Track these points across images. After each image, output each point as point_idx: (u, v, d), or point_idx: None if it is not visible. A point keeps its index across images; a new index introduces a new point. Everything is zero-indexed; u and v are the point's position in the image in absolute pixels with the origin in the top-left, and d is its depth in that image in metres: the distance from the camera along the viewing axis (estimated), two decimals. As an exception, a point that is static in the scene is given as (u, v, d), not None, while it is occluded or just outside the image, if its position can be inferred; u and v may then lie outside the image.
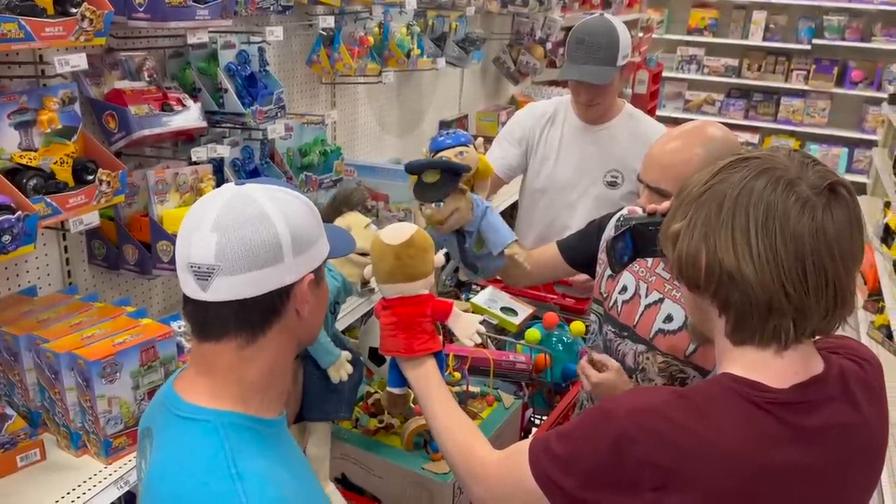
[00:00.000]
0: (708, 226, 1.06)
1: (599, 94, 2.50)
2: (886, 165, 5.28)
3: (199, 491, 0.99)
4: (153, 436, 1.12)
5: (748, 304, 1.04)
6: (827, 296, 1.02)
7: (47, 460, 1.70)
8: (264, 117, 2.28)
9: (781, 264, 1.01)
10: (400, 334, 1.45)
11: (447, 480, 1.77)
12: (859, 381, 1.13)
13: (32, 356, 1.71)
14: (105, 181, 1.78)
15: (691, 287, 1.12)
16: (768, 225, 1.01)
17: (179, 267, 1.06)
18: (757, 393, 1.05)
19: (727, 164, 1.08)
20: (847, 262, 1.03)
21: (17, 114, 1.71)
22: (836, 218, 1.01)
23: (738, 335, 1.09)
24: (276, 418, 1.14)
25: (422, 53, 3.12)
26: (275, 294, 1.06)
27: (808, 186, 1.02)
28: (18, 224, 1.49)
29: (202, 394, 1.09)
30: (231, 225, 1.02)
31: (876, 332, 4.38)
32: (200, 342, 1.09)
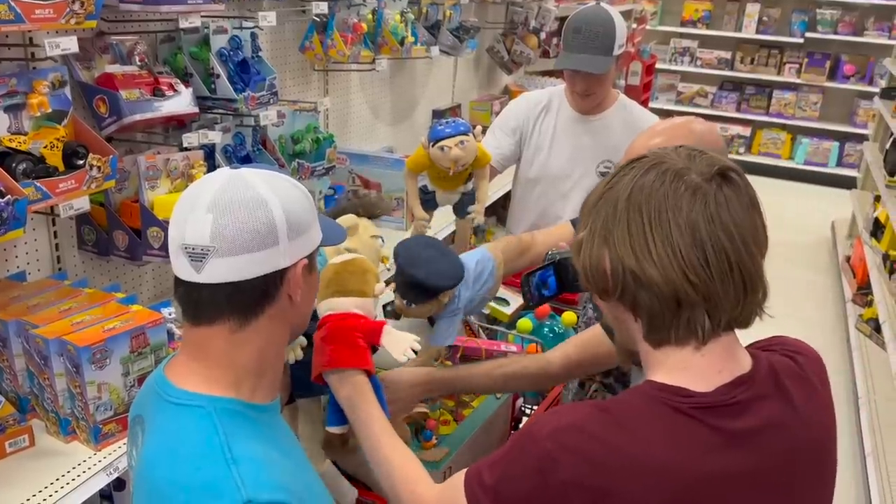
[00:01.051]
0: (606, 229, 1.04)
1: (595, 84, 2.49)
2: (877, 159, 5.31)
3: (194, 476, 0.98)
4: (145, 423, 1.11)
5: (657, 300, 1.01)
6: (734, 280, 0.99)
7: (36, 446, 1.69)
8: (256, 103, 2.27)
9: (681, 254, 0.98)
10: (327, 347, 1.37)
11: (438, 469, 1.77)
12: (792, 375, 1.09)
13: (21, 342, 1.70)
14: (95, 166, 1.76)
15: (602, 295, 1.08)
16: (662, 217, 0.99)
17: (173, 250, 1.05)
18: (680, 399, 1.01)
19: (619, 169, 1.07)
20: (748, 244, 1.00)
21: (7, 97, 1.69)
22: (730, 201, 1.00)
23: (654, 336, 1.05)
24: (269, 403, 1.14)
25: (416, 41, 3.11)
26: (269, 277, 1.05)
27: (697, 174, 1.01)
28: (7, 208, 1.47)
29: (194, 379, 1.08)
30: (227, 206, 1.01)
31: (864, 325, 4.42)
32: (193, 326, 1.08)
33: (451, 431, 1.90)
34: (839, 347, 4.67)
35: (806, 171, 8.20)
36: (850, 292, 5.02)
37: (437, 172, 2.10)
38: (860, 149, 7.67)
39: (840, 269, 5.59)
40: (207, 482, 0.97)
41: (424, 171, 2.15)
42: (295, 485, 1.03)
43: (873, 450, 3.36)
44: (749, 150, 8.51)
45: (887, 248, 4.47)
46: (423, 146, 2.04)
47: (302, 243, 1.08)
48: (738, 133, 8.50)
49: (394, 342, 1.40)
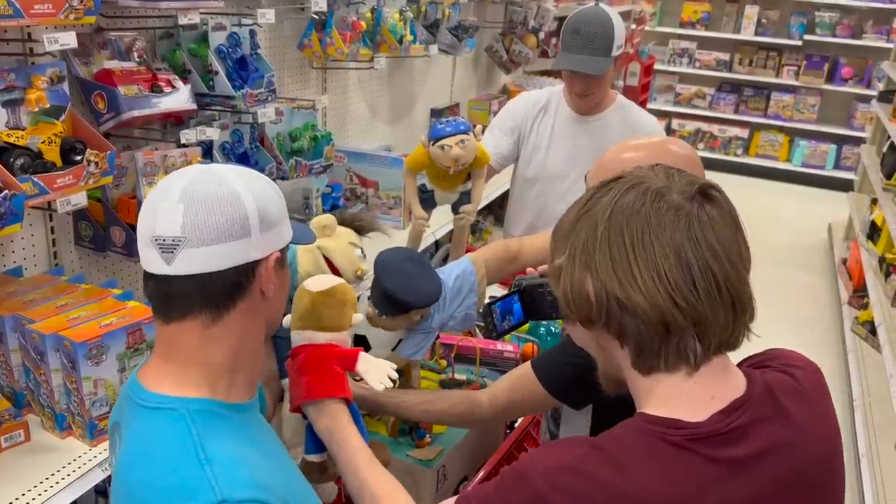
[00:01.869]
0: (586, 253, 0.99)
1: (593, 85, 2.50)
2: (874, 162, 5.32)
3: (168, 478, 0.97)
4: (121, 430, 1.10)
5: (644, 327, 0.97)
6: (723, 302, 0.96)
7: (31, 441, 1.69)
8: (255, 101, 2.27)
9: (667, 277, 0.94)
10: (302, 378, 1.34)
11: (432, 467, 1.77)
12: (790, 392, 1.05)
13: (18, 337, 1.70)
14: (93, 162, 1.76)
15: (585, 323, 1.03)
16: (645, 239, 0.95)
17: (142, 242, 1.03)
18: (674, 431, 0.97)
19: (595, 191, 1.03)
20: (735, 263, 0.97)
21: (5, 92, 1.69)
22: (714, 220, 0.97)
23: (643, 363, 1.01)
24: (245, 402, 1.12)
25: (414, 40, 3.11)
26: (240, 270, 1.03)
27: (677, 193, 0.97)
28: (5, 203, 1.47)
29: (167, 381, 1.06)
30: (198, 196, 1.00)
31: (860, 327, 4.43)
32: (164, 324, 1.06)
33: (444, 430, 1.91)
34: (834, 349, 4.68)
35: (803, 173, 8.21)
36: (846, 295, 5.03)
37: (437, 171, 2.11)
38: (857, 151, 7.69)
39: (836, 272, 5.60)
40: (181, 484, 0.96)
41: (424, 170, 2.15)
42: (273, 483, 1.01)
43: (867, 451, 3.37)
44: (747, 151, 8.52)
45: (883, 251, 4.48)
46: (424, 145, 2.04)
47: (273, 236, 1.07)
48: (736, 135, 8.51)
49: (370, 370, 1.38)
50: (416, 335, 1.74)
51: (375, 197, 3.18)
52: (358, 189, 3.20)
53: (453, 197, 2.26)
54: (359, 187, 3.20)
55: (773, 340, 1.15)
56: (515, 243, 2.11)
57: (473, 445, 1.95)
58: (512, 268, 2.09)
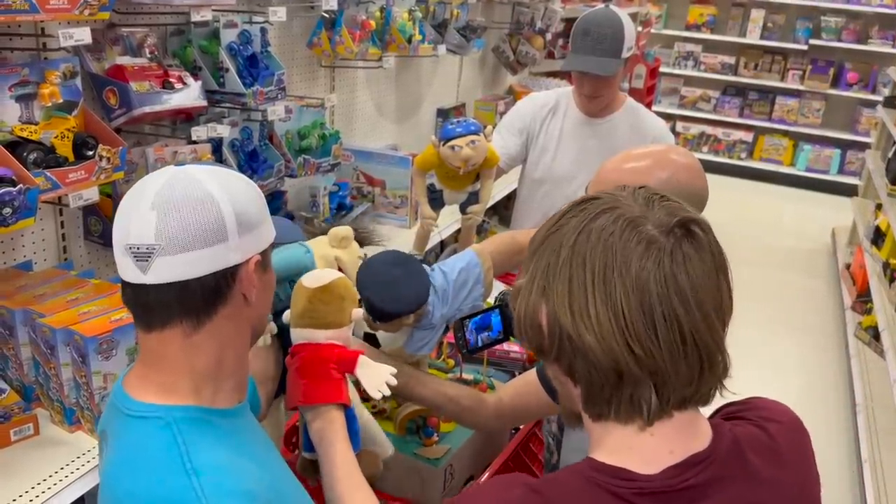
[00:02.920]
0: (546, 280, 0.90)
1: (603, 86, 2.50)
2: (879, 168, 5.32)
3: (155, 489, 0.95)
4: (107, 438, 1.08)
5: (594, 371, 0.87)
6: (687, 355, 0.85)
7: (41, 435, 1.70)
8: (265, 98, 2.28)
9: (624, 320, 0.84)
10: (300, 381, 1.32)
11: (439, 466, 1.78)
12: (760, 449, 0.94)
13: (28, 331, 1.71)
14: (105, 157, 1.77)
15: (536, 352, 0.95)
16: (607, 273, 0.85)
17: (117, 251, 1.00)
18: (620, 482, 0.87)
19: (568, 209, 0.93)
20: (707, 313, 0.85)
21: (19, 86, 1.70)
22: (690, 260, 0.85)
23: (591, 408, 0.92)
24: (233, 408, 1.10)
25: (423, 39, 3.11)
26: (219, 275, 1.00)
27: (653, 225, 0.86)
28: (19, 197, 1.48)
29: (151, 389, 1.04)
30: (171, 202, 0.97)
31: (863, 332, 4.43)
32: (146, 333, 1.03)
33: (452, 429, 1.91)
34: (837, 354, 4.68)
35: (807, 177, 8.21)
36: (849, 300, 5.03)
37: (446, 171, 2.11)
38: (862, 157, 7.69)
39: (840, 277, 5.60)
40: (168, 494, 0.94)
41: (433, 170, 2.16)
42: (263, 491, 1.00)
43: (870, 457, 3.37)
44: (751, 155, 8.52)
45: (888, 257, 4.48)
46: (434, 145, 2.04)
47: (253, 239, 1.04)
48: (741, 138, 8.51)
49: (369, 375, 1.34)
50: (419, 331, 1.73)
51: (382, 196, 3.18)
52: (364, 188, 3.20)
53: (462, 197, 2.27)
54: (365, 186, 3.20)
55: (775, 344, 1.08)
56: (522, 235, 2.11)
57: (480, 445, 1.96)
58: (518, 259, 2.08)
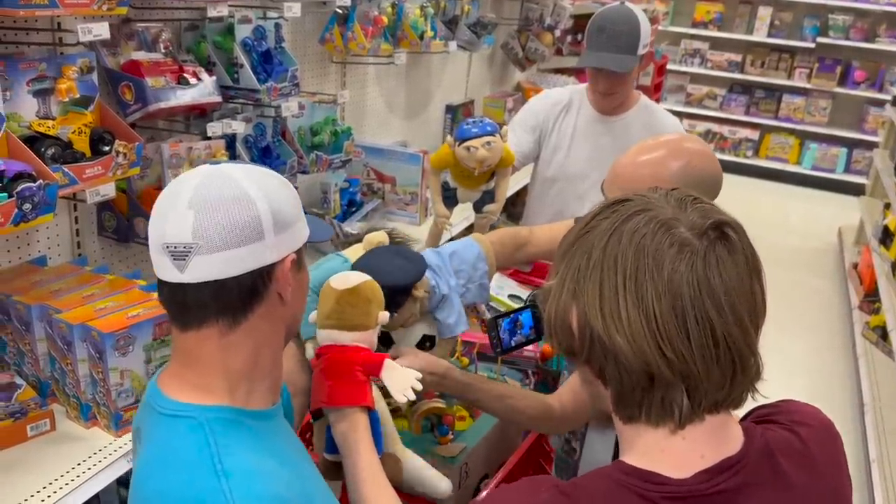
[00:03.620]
0: (577, 282, 0.90)
1: (618, 84, 2.49)
2: (887, 167, 5.31)
3: (184, 489, 0.95)
4: (141, 436, 1.09)
5: (625, 374, 0.87)
6: (719, 359, 0.84)
7: (57, 431, 1.70)
8: (278, 94, 2.27)
9: (656, 322, 0.83)
10: (325, 382, 1.32)
11: (455, 464, 1.77)
12: (792, 454, 0.93)
13: (44, 326, 1.70)
14: (122, 153, 1.76)
15: (567, 354, 0.95)
16: (639, 276, 0.84)
17: (154, 250, 1.00)
18: (651, 487, 0.87)
19: (599, 210, 0.93)
20: (740, 316, 0.85)
21: (36, 81, 1.69)
22: (723, 262, 0.85)
23: (622, 411, 0.92)
24: (267, 409, 1.09)
25: (434, 36, 3.10)
26: (256, 274, 1.00)
27: (686, 227, 0.86)
28: (39, 193, 1.47)
29: (186, 388, 1.04)
30: (208, 201, 0.97)
31: (871, 332, 4.42)
32: (181, 332, 1.04)
33: (467, 427, 1.91)
34: (844, 353, 4.68)
35: (813, 176, 8.19)
36: (856, 299, 5.02)
37: (461, 171, 2.10)
38: (868, 155, 7.68)
39: (846, 276, 5.59)
40: (196, 496, 0.94)
41: (448, 169, 2.15)
42: (291, 495, 0.99)
43: (878, 456, 3.37)
44: (756, 153, 8.51)
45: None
46: (449, 144, 2.04)
47: (288, 238, 1.03)
48: (747, 136, 8.49)
49: (394, 379, 1.34)
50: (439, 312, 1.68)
51: (392, 192, 3.18)
52: (375, 184, 3.19)
53: (476, 195, 2.26)
54: (375, 182, 3.19)
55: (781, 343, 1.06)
56: (525, 231, 2.11)
57: (494, 443, 1.95)
58: (520, 255, 2.08)
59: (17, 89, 1.66)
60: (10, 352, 1.81)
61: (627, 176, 1.56)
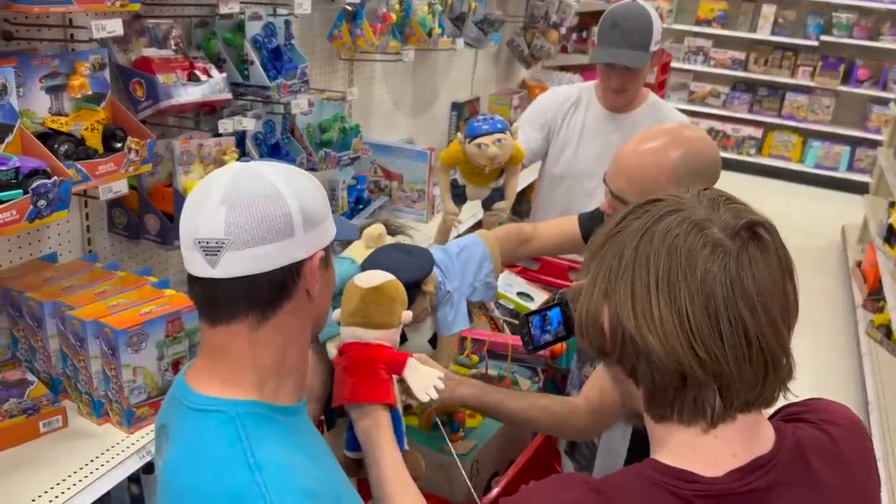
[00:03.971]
0: (608, 282, 0.90)
1: (630, 80, 2.48)
2: (892, 165, 5.31)
3: (217, 483, 0.95)
4: (168, 431, 1.09)
5: (658, 373, 0.87)
6: (752, 359, 0.85)
7: (69, 427, 1.70)
8: (288, 91, 2.27)
9: (689, 323, 0.84)
10: (349, 378, 1.33)
11: (466, 460, 1.78)
12: (823, 453, 0.94)
13: (56, 323, 1.71)
14: (134, 149, 1.76)
15: (599, 353, 0.96)
16: (671, 276, 0.85)
17: (185, 245, 1.01)
18: (684, 485, 0.87)
19: (631, 210, 0.94)
20: (773, 317, 0.86)
21: (49, 77, 1.69)
22: (756, 263, 0.85)
23: (654, 410, 0.92)
24: (294, 405, 1.10)
25: (443, 33, 3.10)
26: (286, 270, 1.01)
27: (719, 228, 0.86)
28: (54, 189, 1.47)
29: (215, 383, 1.05)
30: (240, 197, 0.98)
31: (875, 330, 4.42)
32: (211, 327, 1.04)
33: (478, 424, 1.91)
34: (848, 352, 4.68)
35: (816, 174, 8.19)
36: (860, 297, 5.02)
37: (471, 168, 2.10)
38: (871, 154, 7.67)
39: (850, 274, 5.59)
40: (230, 489, 0.94)
41: (457, 166, 2.15)
42: (322, 490, 0.99)
43: (883, 455, 3.37)
44: (760, 151, 8.50)
45: (901, 255, 4.47)
46: (459, 141, 2.04)
47: (317, 235, 1.04)
48: (750, 134, 8.48)
49: (417, 378, 1.35)
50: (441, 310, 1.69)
51: (399, 190, 3.18)
52: (382, 181, 3.19)
53: (485, 193, 2.26)
54: (383, 180, 3.19)
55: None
56: (529, 227, 2.11)
57: (504, 441, 1.96)
58: (523, 250, 2.08)
59: (30, 86, 1.66)
60: (21, 348, 1.81)
61: (630, 165, 1.58)
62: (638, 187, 1.54)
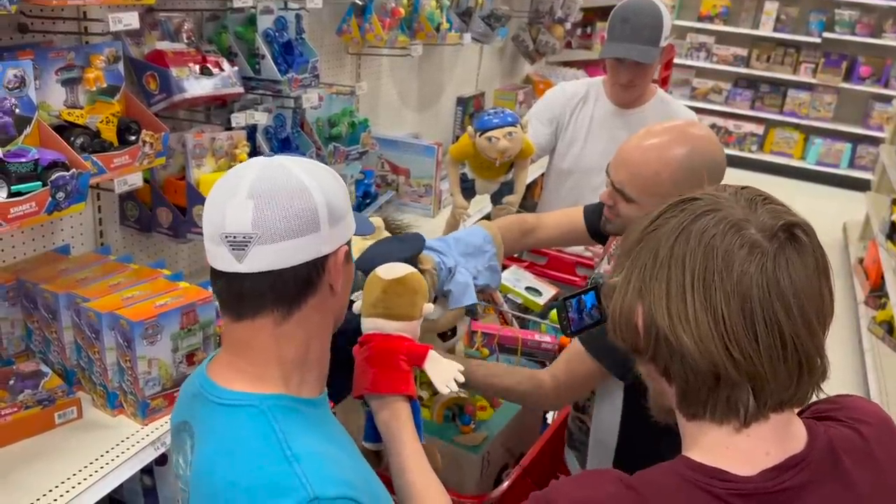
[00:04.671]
0: (643, 280, 0.90)
1: (640, 75, 2.49)
2: (894, 162, 5.32)
3: (255, 476, 0.95)
4: (193, 429, 1.08)
5: (691, 373, 0.87)
6: (787, 361, 0.85)
7: (83, 419, 1.71)
8: (299, 85, 2.27)
9: (724, 323, 0.84)
10: (370, 369, 1.34)
11: (477, 454, 1.79)
12: (855, 452, 0.94)
13: (71, 315, 1.71)
14: (148, 142, 1.77)
15: (632, 351, 0.96)
16: (707, 276, 0.85)
17: (210, 239, 1.01)
18: (718, 483, 0.88)
19: (667, 208, 0.94)
20: (809, 319, 0.86)
21: (65, 70, 1.70)
22: (793, 265, 0.85)
23: (686, 408, 0.92)
24: (317, 398, 1.11)
25: (450, 28, 3.10)
26: (311, 265, 1.01)
27: (756, 229, 0.86)
28: (72, 181, 1.48)
29: (241, 378, 1.05)
30: (268, 192, 0.98)
31: (877, 327, 4.45)
32: (235, 322, 1.04)
33: (488, 417, 1.93)
34: (850, 348, 4.70)
35: (817, 171, 8.20)
36: (862, 294, 5.04)
37: (481, 162, 2.12)
38: (872, 151, 7.68)
39: (852, 271, 5.61)
40: (270, 481, 0.94)
41: (467, 160, 2.16)
42: (357, 480, 1.00)
43: None
44: (761, 148, 8.51)
45: (903, 252, 4.49)
46: (469, 135, 2.05)
47: (341, 230, 1.05)
48: (751, 131, 8.49)
49: (437, 370, 1.36)
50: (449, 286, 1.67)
51: (406, 185, 3.18)
52: (389, 176, 3.20)
53: (494, 187, 2.27)
54: (390, 174, 3.20)
55: None
56: (532, 218, 2.12)
57: (515, 433, 1.97)
58: (527, 241, 2.09)
59: (45, 78, 1.67)
60: (35, 340, 1.82)
61: (634, 160, 1.59)
62: (640, 182, 1.56)
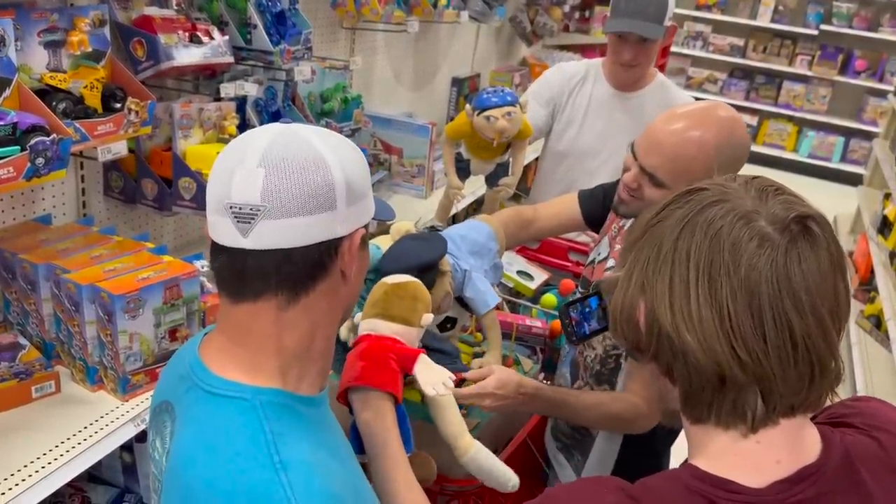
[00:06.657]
0: (645, 275, 0.85)
1: (643, 53, 2.44)
2: (888, 157, 5.31)
3: (237, 480, 0.87)
4: (174, 412, 0.99)
5: (695, 374, 0.82)
6: (797, 362, 0.80)
7: (62, 393, 1.66)
8: (292, 57, 2.21)
9: (730, 321, 0.79)
10: (358, 362, 1.29)
11: (467, 439, 1.76)
12: (874, 462, 0.88)
13: (51, 286, 1.66)
14: (133, 111, 1.71)
15: (633, 349, 0.91)
16: (713, 271, 0.79)
17: (213, 209, 0.91)
18: (726, 495, 0.82)
19: (672, 199, 0.88)
20: (821, 317, 0.80)
21: (48, 32, 1.63)
22: (806, 260, 0.79)
23: (690, 411, 0.87)
24: (316, 395, 1.02)
25: (448, 4, 3.04)
26: (323, 247, 0.92)
27: (767, 221, 0.80)
28: (53, 147, 1.42)
29: (235, 366, 0.96)
30: (281, 161, 0.88)
31: (865, 321, 4.44)
32: (233, 303, 0.95)
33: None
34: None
35: (809, 164, 8.21)
36: (851, 288, 5.04)
37: (477, 142, 2.07)
38: (865, 145, 7.69)
39: (841, 264, 5.60)
40: (252, 488, 0.86)
41: (463, 139, 2.11)
42: (345, 490, 0.92)
43: None
44: (754, 139, 8.50)
45: (894, 246, 4.48)
46: (467, 113, 2.00)
47: (359, 211, 0.95)
48: (745, 122, 8.44)
49: (426, 373, 1.32)
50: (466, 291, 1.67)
51: (399, 164, 3.13)
52: (381, 155, 3.14)
53: (489, 168, 2.23)
54: (382, 153, 3.14)
55: None
56: (529, 210, 2.08)
57: (505, 420, 1.94)
58: (526, 234, 2.06)
59: (28, 40, 1.60)
60: (13, 311, 1.77)
61: (671, 143, 1.51)
62: (675, 166, 1.50)
